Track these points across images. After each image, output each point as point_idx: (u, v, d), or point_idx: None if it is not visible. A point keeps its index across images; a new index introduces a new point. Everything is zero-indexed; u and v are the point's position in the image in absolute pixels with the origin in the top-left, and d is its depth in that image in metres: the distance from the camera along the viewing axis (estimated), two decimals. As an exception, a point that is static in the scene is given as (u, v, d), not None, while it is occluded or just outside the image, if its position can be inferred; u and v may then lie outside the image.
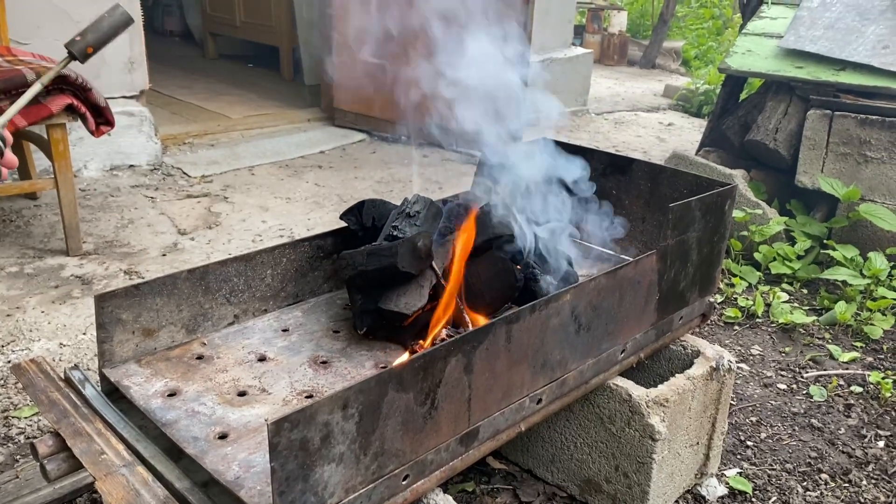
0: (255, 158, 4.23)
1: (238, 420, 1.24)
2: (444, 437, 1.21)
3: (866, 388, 2.33)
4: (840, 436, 2.10)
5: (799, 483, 1.90)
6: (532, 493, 1.77)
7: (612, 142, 5.29)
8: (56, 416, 1.23)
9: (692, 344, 1.79)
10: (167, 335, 1.43)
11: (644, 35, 10.01)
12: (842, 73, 3.32)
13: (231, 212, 3.45)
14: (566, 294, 1.37)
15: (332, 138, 4.71)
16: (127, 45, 3.79)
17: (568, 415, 1.70)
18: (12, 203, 3.32)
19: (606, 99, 6.78)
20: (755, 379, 2.37)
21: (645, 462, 1.59)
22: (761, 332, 2.68)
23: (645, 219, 1.93)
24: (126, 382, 1.32)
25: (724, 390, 1.77)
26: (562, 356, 1.42)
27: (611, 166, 1.98)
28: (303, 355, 1.45)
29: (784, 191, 3.50)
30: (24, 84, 2.52)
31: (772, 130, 3.44)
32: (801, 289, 3.02)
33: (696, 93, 6.65)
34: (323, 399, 0.98)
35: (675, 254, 1.61)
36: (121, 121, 3.30)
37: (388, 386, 1.07)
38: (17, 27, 3.28)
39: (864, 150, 3.14)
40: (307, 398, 1.31)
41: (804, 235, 3.17)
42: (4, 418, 1.94)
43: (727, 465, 1.94)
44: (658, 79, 8.02)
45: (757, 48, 3.73)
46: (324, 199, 3.69)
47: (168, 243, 3.07)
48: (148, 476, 1.10)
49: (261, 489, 1.07)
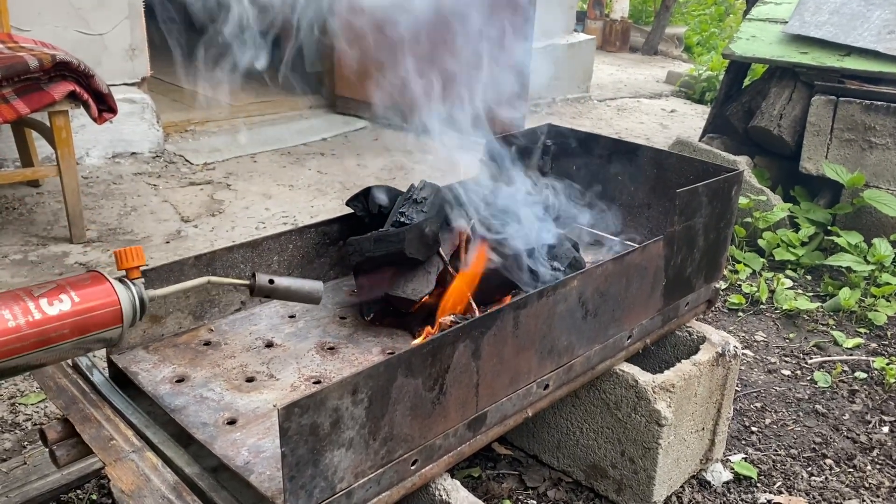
0: (257, 146, 4.22)
1: (246, 406, 1.24)
2: (452, 422, 1.21)
3: (870, 373, 2.33)
4: (844, 421, 2.10)
5: (804, 468, 1.90)
6: (538, 478, 1.78)
7: (614, 128, 5.28)
8: (65, 403, 1.23)
9: (698, 330, 1.79)
10: (174, 321, 1.43)
11: (646, 21, 9.96)
12: (847, 58, 3.30)
13: (234, 199, 3.44)
14: (573, 280, 1.37)
15: (334, 125, 4.70)
16: (128, 32, 3.77)
17: (574, 400, 1.70)
18: (15, 190, 3.32)
19: (609, 86, 6.76)
20: (759, 365, 2.38)
21: (651, 447, 1.60)
22: (765, 318, 2.68)
23: (651, 205, 1.93)
24: (134, 368, 1.32)
25: (730, 376, 1.78)
26: (569, 342, 1.42)
27: (616, 152, 1.97)
28: (310, 341, 1.45)
29: (788, 177, 3.49)
30: (26, 71, 2.51)
31: (776, 117, 3.43)
32: (805, 275, 3.02)
33: (698, 79, 6.63)
34: (332, 384, 0.98)
35: (681, 240, 1.60)
36: (122, 108, 3.29)
37: (396, 371, 1.07)
38: (18, 14, 3.26)
39: (868, 136, 3.13)
40: (315, 384, 1.31)
41: (808, 222, 3.17)
42: (11, 405, 1.94)
43: (732, 450, 1.95)
44: (660, 65, 7.99)
45: (761, 34, 3.71)
46: (327, 186, 3.69)
47: (171, 231, 3.06)
48: (157, 461, 1.11)
49: (270, 474, 1.07)
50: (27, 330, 0.93)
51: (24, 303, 0.94)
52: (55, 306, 0.96)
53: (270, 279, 1.25)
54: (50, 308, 0.96)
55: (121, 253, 1.07)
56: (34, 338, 0.94)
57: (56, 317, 0.96)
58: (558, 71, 5.76)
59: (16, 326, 0.92)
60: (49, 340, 0.96)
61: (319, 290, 1.30)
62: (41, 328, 0.94)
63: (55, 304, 0.96)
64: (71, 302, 0.98)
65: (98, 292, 1.02)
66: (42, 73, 2.54)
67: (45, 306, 0.95)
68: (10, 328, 0.92)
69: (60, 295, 0.97)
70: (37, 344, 0.94)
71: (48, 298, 0.96)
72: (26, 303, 0.94)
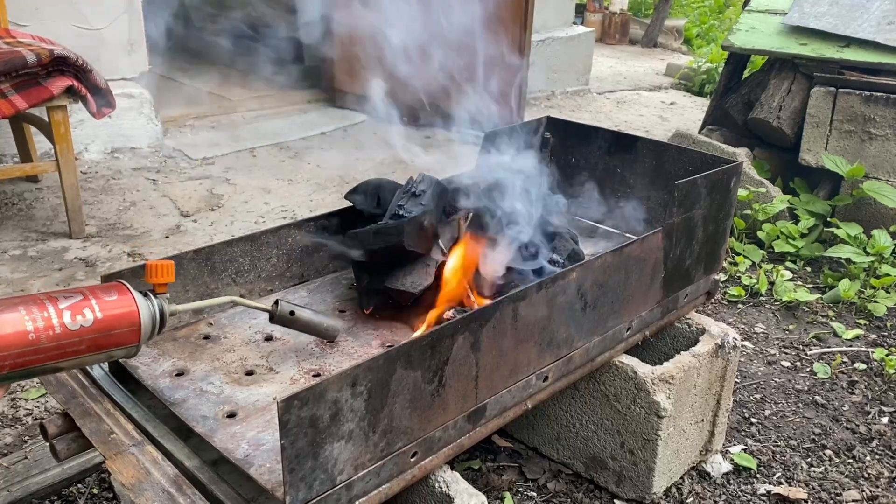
0: (255, 140, 4.21)
1: (246, 399, 1.24)
2: (451, 414, 1.21)
3: (870, 365, 2.34)
4: (844, 412, 2.11)
5: (803, 459, 1.91)
6: (538, 470, 1.78)
7: (613, 121, 5.27)
8: (65, 397, 1.23)
9: (697, 322, 1.79)
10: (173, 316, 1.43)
11: (645, 14, 9.94)
12: (846, 49, 3.30)
13: (233, 194, 3.44)
14: (572, 272, 1.37)
15: (333, 119, 4.69)
16: (126, 27, 3.76)
17: (573, 392, 1.70)
18: (14, 186, 3.32)
19: (608, 78, 6.75)
20: (759, 357, 2.38)
21: (650, 439, 1.60)
22: (765, 310, 2.68)
23: (650, 197, 1.93)
24: (133, 363, 1.32)
25: (729, 367, 1.78)
26: (568, 334, 1.42)
27: (615, 144, 1.97)
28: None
29: (787, 169, 3.49)
30: (24, 66, 2.50)
31: (775, 108, 3.43)
32: (805, 267, 3.02)
33: (698, 71, 6.62)
34: (332, 377, 0.98)
35: (680, 231, 1.60)
36: (121, 103, 3.29)
37: (396, 364, 1.07)
38: (15, 9, 3.26)
39: (868, 128, 3.13)
40: (314, 377, 1.31)
41: (808, 213, 3.17)
42: (12, 400, 1.95)
43: (732, 441, 1.95)
44: (660, 58, 7.98)
45: (760, 25, 3.71)
46: (326, 180, 3.68)
47: (171, 225, 3.06)
48: (157, 455, 1.11)
49: (270, 466, 1.07)
50: (46, 344, 0.92)
51: (48, 314, 0.93)
52: (77, 321, 0.94)
53: (292, 311, 1.30)
54: (72, 323, 0.94)
55: (152, 267, 1.06)
56: (51, 351, 0.93)
57: (76, 332, 0.95)
58: (557, 64, 5.75)
59: (35, 339, 0.91)
60: (65, 355, 0.95)
61: (337, 329, 1.37)
62: (59, 342, 0.93)
63: (77, 320, 0.95)
64: (94, 318, 0.96)
65: (121, 309, 1.00)
66: (40, 68, 2.54)
67: (68, 320, 0.94)
68: (29, 340, 0.90)
69: (84, 309, 0.96)
70: (51, 357, 0.93)
71: (72, 312, 0.94)
72: (50, 315, 0.93)
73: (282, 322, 1.31)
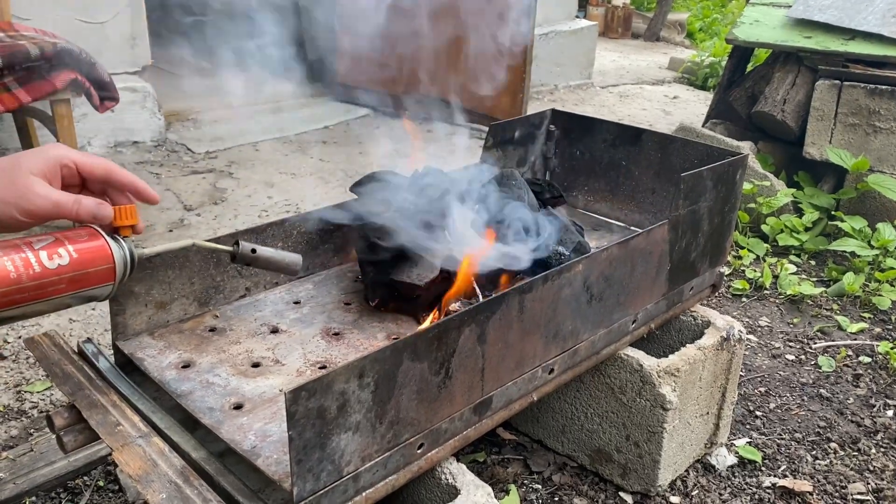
0: (259, 134, 4.21)
1: (253, 391, 1.24)
2: (457, 406, 1.21)
3: (875, 358, 2.33)
4: (849, 405, 2.10)
5: (808, 452, 1.91)
6: (543, 462, 1.78)
7: (617, 115, 5.26)
8: (71, 389, 1.23)
9: (702, 314, 1.79)
10: (179, 308, 1.43)
11: (648, 7, 9.90)
12: (851, 42, 3.28)
13: (236, 187, 3.44)
14: (578, 264, 1.36)
15: (336, 113, 4.68)
16: (129, 21, 3.76)
17: (579, 385, 1.70)
18: (17, 180, 3.31)
19: (611, 72, 6.73)
20: (764, 350, 2.38)
21: (656, 431, 1.60)
22: (769, 303, 2.68)
23: (655, 190, 1.92)
24: (140, 355, 1.32)
25: (735, 360, 1.78)
26: (574, 326, 1.42)
27: (620, 137, 1.96)
28: (315, 327, 1.45)
29: (792, 162, 3.48)
30: (28, 59, 2.50)
31: (779, 102, 3.41)
32: (809, 260, 3.01)
33: (701, 65, 6.60)
34: (339, 368, 0.98)
35: (686, 224, 1.60)
36: (124, 97, 3.29)
37: (403, 355, 1.07)
38: (18, 3, 3.25)
39: (873, 121, 3.12)
40: (321, 369, 1.31)
41: (812, 207, 3.16)
42: (17, 393, 1.95)
43: (737, 434, 1.95)
44: (663, 51, 7.96)
45: (765, 18, 3.69)
46: (329, 174, 3.68)
47: (174, 219, 3.06)
48: (164, 447, 1.11)
49: (277, 458, 1.07)
50: (27, 282, 0.95)
51: (25, 255, 0.96)
52: (54, 261, 0.97)
53: (253, 248, 1.26)
54: (49, 262, 0.97)
55: (116, 210, 1.08)
56: (33, 290, 0.96)
57: (55, 271, 0.97)
58: (560, 57, 5.73)
59: (17, 278, 0.94)
60: (46, 294, 0.98)
61: (298, 262, 1.32)
62: (40, 281, 0.96)
63: (54, 259, 0.97)
64: (69, 257, 0.99)
65: (94, 248, 1.03)
66: (43, 61, 2.54)
67: (45, 260, 0.97)
68: (11, 279, 0.93)
69: (59, 249, 0.99)
70: (35, 296, 0.96)
71: (48, 252, 0.97)
72: (27, 255, 0.96)
73: (244, 261, 1.27)
